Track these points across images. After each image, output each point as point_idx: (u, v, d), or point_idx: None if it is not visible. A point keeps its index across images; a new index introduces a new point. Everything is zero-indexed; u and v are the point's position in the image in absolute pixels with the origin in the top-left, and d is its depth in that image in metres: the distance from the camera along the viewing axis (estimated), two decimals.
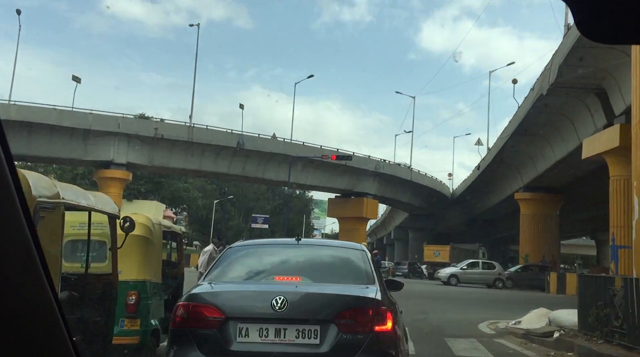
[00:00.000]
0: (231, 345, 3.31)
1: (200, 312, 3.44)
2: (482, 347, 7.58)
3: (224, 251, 4.50)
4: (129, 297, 5.11)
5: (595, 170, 24.92)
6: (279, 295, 3.41)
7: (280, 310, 3.36)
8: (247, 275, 4.08)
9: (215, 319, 3.39)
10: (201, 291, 3.67)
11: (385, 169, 41.79)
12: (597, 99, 20.85)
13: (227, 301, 3.54)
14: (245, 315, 3.45)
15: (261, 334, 3.37)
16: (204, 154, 36.04)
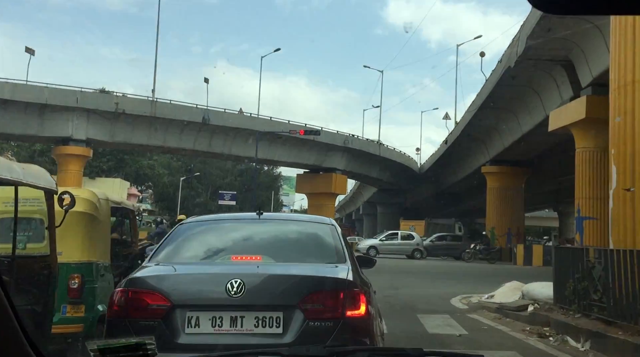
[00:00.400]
0: (178, 337, 2.83)
1: (142, 299, 2.94)
2: (456, 323, 7.36)
3: (175, 227, 4.00)
4: (72, 280, 4.59)
5: (560, 143, 25.11)
6: (234, 277, 2.94)
7: (237, 295, 2.89)
8: (199, 255, 3.58)
9: (159, 308, 2.90)
10: (143, 275, 3.16)
11: (353, 144, 41.49)
12: (563, 71, 20.83)
13: (174, 285, 3.05)
14: (195, 302, 2.98)
15: (214, 323, 2.90)
16: (168, 130, 35.04)
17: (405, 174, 48.39)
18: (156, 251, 3.55)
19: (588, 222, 19.43)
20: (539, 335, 6.50)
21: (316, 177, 42.17)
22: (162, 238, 4.05)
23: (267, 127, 36.49)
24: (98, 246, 4.83)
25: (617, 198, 6.73)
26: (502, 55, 24.25)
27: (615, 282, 5.69)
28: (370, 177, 47.38)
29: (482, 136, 32.35)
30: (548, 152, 29.12)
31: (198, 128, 35.45)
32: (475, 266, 24.47)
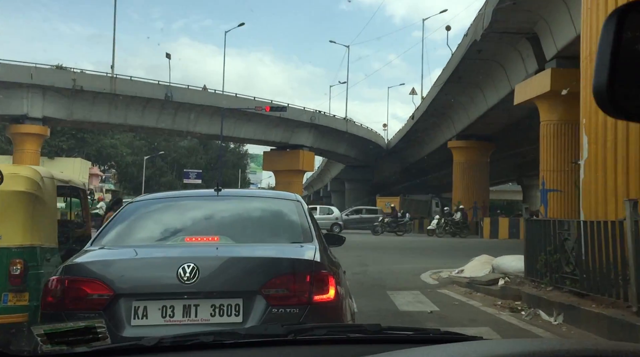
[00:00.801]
0: (122, 330, 2.49)
1: (80, 288, 2.59)
2: (427, 300, 7.22)
3: (123, 206, 3.62)
4: (13, 266, 4.18)
5: (524, 116, 25.34)
6: (187, 261, 2.60)
7: (190, 281, 2.57)
8: (148, 237, 3.20)
9: (100, 297, 2.56)
10: (82, 261, 2.79)
11: (320, 120, 41.13)
12: (529, 44, 20.85)
13: (118, 272, 2.68)
14: (142, 290, 2.62)
15: (164, 313, 2.56)
16: (129, 107, 34.01)
17: (372, 150, 48.40)
18: (100, 233, 3.18)
19: (552, 194, 19.71)
20: (510, 309, 6.41)
21: (283, 154, 41.75)
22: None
23: (232, 103, 35.78)
24: (42, 228, 4.42)
25: (588, 168, 6.63)
26: (467, 29, 24.14)
27: (589, 254, 5.60)
28: (338, 153, 47.22)
29: (448, 111, 32.44)
30: (513, 126, 29.40)
31: (161, 105, 34.53)
32: (444, 240, 24.67)
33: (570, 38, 17.02)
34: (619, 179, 6.21)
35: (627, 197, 5.87)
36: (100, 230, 3.23)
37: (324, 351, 1.32)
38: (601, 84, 0.70)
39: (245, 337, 1.38)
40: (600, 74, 0.70)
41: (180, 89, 35.75)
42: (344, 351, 1.25)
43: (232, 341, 1.36)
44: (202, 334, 1.41)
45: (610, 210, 6.21)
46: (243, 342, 1.36)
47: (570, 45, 17.25)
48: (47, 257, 4.45)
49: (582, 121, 6.69)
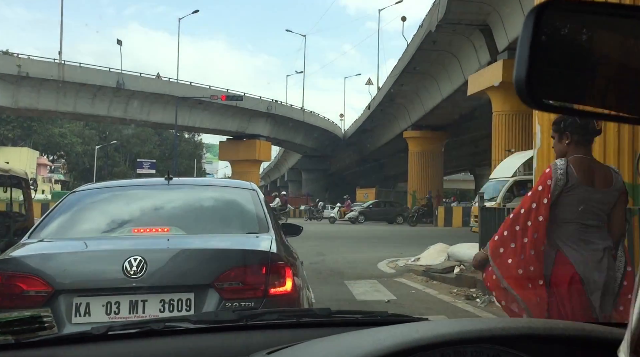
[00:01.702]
0: (62, 328, 2.31)
1: (15, 285, 2.40)
2: (384, 288, 7.23)
3: (64, 196, 3.41)
4: None
5: (477, 107, 25.85)
6: (134, 254, 2.45)
7: (137, 275, 2.41)
8: (92, 228, 3.01)
9: (37, 294, 2.38)
10: (17, 255, 2.60)
11: (277, 110, 40.85)
12: (481, 36, 21.22)
13: (57, 266, 2.50)
14: (84, 285, 2.46)
15: (109, 310, 2.41)
16: (79, 95, 32.82)
17: (329, 140, 48.47)
18: (39, 224, 2.97)
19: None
20: (466, 297, 6.49)
21: (240, 144, 41.30)
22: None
23: (187, 92, 35.03)
24: None
25: (540, 158, 6.74)
26: (423, 20, 24.36)
27: None
28: (295, 143, 47.08)
29: (404, 101, 32.76)
30: (467, 117, 29.97)
31: (112, 93, 33.48)
32: (399, 229, 24.96)
33: None
34: None
35: None
36: (40, 221, 3.02)
37: (275, 335, 1.33)
38: (521, 78, 0.74)
39: (196, 323, 1.36)
40: (520, 68, 0.74)
41: (132, 77, 34.75)
42: (294, 335, 1.26)
43: (183, 328, 1.34)
44: (153, 322, 1.40)
45: None
46: (194, 328, 1.35)
47: None
48: None
49: (535, 111, 6.79)
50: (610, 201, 2.69)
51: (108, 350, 1.28)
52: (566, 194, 2.65)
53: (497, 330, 0.99)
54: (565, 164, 2.68)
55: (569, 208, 2.66)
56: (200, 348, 1.29)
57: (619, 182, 2.73)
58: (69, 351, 1.27)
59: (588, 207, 2.65)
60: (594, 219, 2.67)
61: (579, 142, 2.71)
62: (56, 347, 1.27)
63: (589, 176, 2.68)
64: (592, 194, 2.66)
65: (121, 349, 1.30)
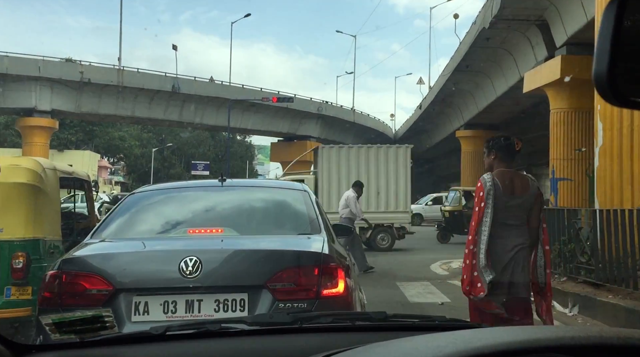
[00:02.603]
0: (122, 326, 2.38)
1: (78, 283, 2.48)
2: (437, 291, 7.11)
3: (124, 198, 3.52)
4: (15, 260, 4.10)
5: (533, 105, 25.04)
6: (189, 255, 2.49)
7: (192, 275, 2.45)
8: (150, 229, 3.10)
9: (99, 293, 2.45)
10: (80, 254, 2.69)
11: (327, 111, 40.97)
12: (538, 31, 20.53)
13: (118, 266, 2.58)
14: (143, 284, 2.52)
15: (166, 309, 2.46)
16: (136, 99, 34.01)
17: (379, 140, 47.98)
18: (101, 225, 3.08)
19: (562, 183, 19.50)
20: None
21: (290, 145, 41.62)
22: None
23: (239, 95, 35.66)
24: (45, 220, 4.34)
25: (603, 156, 6.46)
26: (476, 17, 23.83)
27: (604, 244, 5.45)
28: (345, 144, 47.01)
29: (456, 100, 32.17)
30: (522, 115, 29.11)
31: (168, 97, 34.50)
32: None
33: (581, 24, 16.73)
34: (635, 166, 6.05)
35: None
36: (101, 222, 3.13)
37: (330, 338, 1.32)
38: (601, 72, 0.70)
39: (251, 325, 1.38)
40: (600, 61, 0.70)
41: (187, 81, 35.69)
42: (350, 339, 1.24)
43: (239, 329, 1.36)
44: (209, 323, 1.42)
45: (626, 197, 6.07)
46: (249, 330, 1.36)
47: (580, 32, 16.96)
48: (50, 250, 4.38)
49: (597, 108, 6.52)
50: (527, 205, 3.41)
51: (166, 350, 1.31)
52: (495, 201, 3.32)
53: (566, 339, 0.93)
54: (491, 177, 3.37)
55: (496, 211, 3.33)
56: (255, 350, 1.30)
57: (534, 188, 3.41)
58: (129, 350, 1.30)
59: (510, 210, 3.36)
60: (514, 219, 3.40)
61: (502, 158, 3.44)
62: (117, 347, 1.31)
63: (510, 185, 3.37)
64: (512, 200, 3.37)
65: (178, 349, 1.32)
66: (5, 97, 30.34)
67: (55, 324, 1.31)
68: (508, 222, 3.38)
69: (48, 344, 1.31)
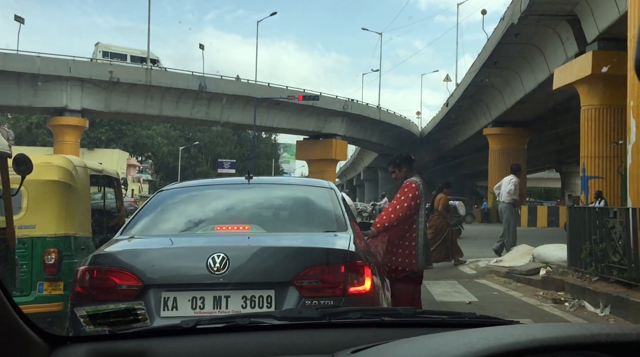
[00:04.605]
0: (152, 321, 2.40)
1: (109, 279, 2.52)
2: (464, 290, 7.03)
3: (153, 195, 3.57)
4: (48, 256, 4.20)
5: (563, 102, 24.55)
6: (217, 251, 2.50)
7: (220, 271, 2.47)
8: (178, 226, 3.12)
9: (129, 288, 2.49)
10: (111, 250, 2.72)
11: (353, 109, 40.85)
12: (568, 26, 20.11)
13: (147, 262, 2.60)
14: (171, 280, 2.54)
15: (194, 304, 2.48)
16: (164, 98, 34.45)
17: (406, 138, 47.85)
18: (130, 222, 3.12)
19: (593, 181, 19.09)
20: (553, 300, 6.16)
21: (316, 143, 41.66)
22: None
23: (264, 93, 35.80)
24: (76, 217, 4.42)
25: (636, 153, 6.30)
26: (504, 13, 23.47)
27: (638, 243, 5.31)
28: (371, 142, 46.87)
29: (483, 97, 31.73)
30: (551, 112, 28.57)
31: (195, 96, 34.86)
32: (479, 228, 24.19)
33: (613, 19, 16.33)
34: None
35: None
36: (131, 219, 3.18)
37: (358, 334, 1.32)
38: None
39: (281, 319, 1.39)
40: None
41: (213, 80, 35.99)
42: (378, 335, 1.24)
43: (268, 324, 1.38)
44: (239, 317, 1.44)
45: None
46: (278, 324, 1.38)
47: (613, 27, 16.57)
48: (81, 247, 4.47)
49: (630, 103, 6.35)
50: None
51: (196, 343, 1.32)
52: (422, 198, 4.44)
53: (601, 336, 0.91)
54: (420, 180, 4.40)
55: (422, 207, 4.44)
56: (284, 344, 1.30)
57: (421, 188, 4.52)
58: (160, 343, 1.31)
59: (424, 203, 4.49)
60: (424, 209, 4.49)
61: (409, 169, 4.51)
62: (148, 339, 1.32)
63: (424, 186, 4.44)
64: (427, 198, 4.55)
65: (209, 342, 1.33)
66: (38, 97, 31.05)
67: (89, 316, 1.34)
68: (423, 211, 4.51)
69: (82, 336, 1.33)
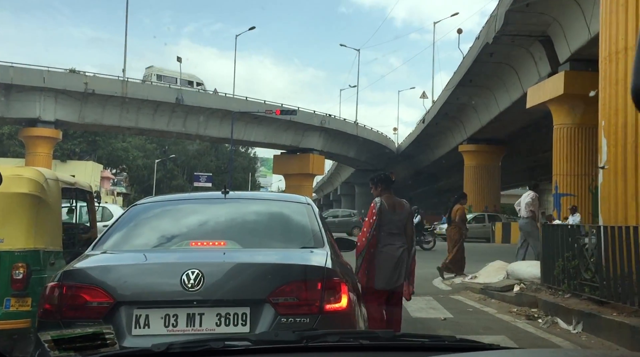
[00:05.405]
0: (123, 340, 2.33)
1: (79, 295, 2.44)
2: (440, 306, 7.04)
3: (127, 209, 3.50)
4: (15, 270, 4.06)
5: (536, 120, 25.04)
6: (191, 267, 2.45)
7: (194, 288, 2.42)
8: (152, 241, 3.05)
9: (100, 305, 2.41)
10: (81, 266, 2.64)
11: (330, 124, 41.03)
12: (541, 47, 20.60)
13: (119, 278, 2.53)
14: (144, 297, 2.47)
15: (167, 322, 2.42)
16: (140, 111, 34.12)
17: (382, 154, 48.20)
18: (102, 236, 3.05)
19: (565, 198, 19.45)
20: (527, 317, 6.21)
21: (293, 158, 41.68)
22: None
23: (242, 107, 35.75)
24: (46, 231, 4.31)
25: (607, 172, 6.42)
26: (479, 32, 23.94)
27: (609, 261, 5.39)
28: (348, 157, 47.08)
29: (459, 114, 32.21)
30: (525, 130, 29.11)
31: (171, 108, 34.61)
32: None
33: (585, 40, 16.77)
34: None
35: None
36: (103, 233, 3.10)
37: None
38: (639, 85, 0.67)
39: (256, 343, 1.35)
40: (639, 74, 0.68)
41: (191, 93, 35.86)
42: None
43: (243, 347, 1.33)
44: (212, 340, 1.38)
45: (630, 214, 6.02)
46: (254, 348, 1.33)
47: (584, 48, 17.01)
48: (51, 262, 4.34)
49: (601, 123, 6.49)
50: (403, 219, 4.76)
51: None
52: (382, 216, 4.62)
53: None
54: (380, 200, 4.71)
55: (384, 224, 4.63)
56: None
57: (408, 207, 4.80)
58: None
59: (392, 222, 4.68)
60: (396, 229, 4.70)
61: (385, 188, 4.81)
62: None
63: (392, 205, 4.71)
64: (394, 215, 4.69)
65: None
66: (10, 108, 30.47)
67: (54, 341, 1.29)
68: (392, 231, 4.67)
69: None
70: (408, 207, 4.83)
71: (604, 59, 6.47)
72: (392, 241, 4.63)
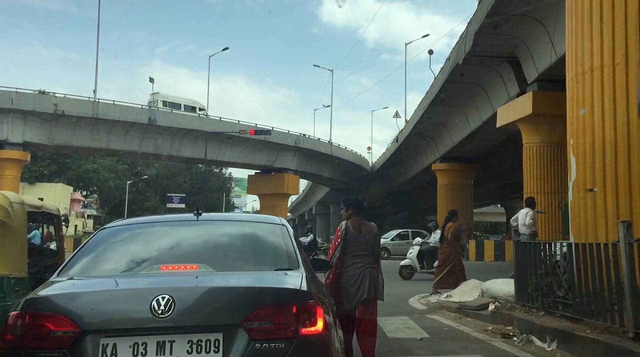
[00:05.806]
0: None
1: (42, 325, 2.34)
2: (415, 325, 7.01)
3: (94, 233, 3.40)
4: None
5: (506, 139, 25.52)
6: (161, 293, 2.38)
7: (165, 315, 2.34)
8: (121, 266, 2.95)
9: (64, 335, 2.31)
10: (45, 294, 2.54)
11: (305, 143, 41.12)
12: (510, 68, 21.09)
13: (85, 306, 2.42)
14: (111, 325, 2.38)
15: (136, 351, 2.33)
16: (112, 131, 33.68)
17: (357, 173, 48.42)
18: (69, 262, 2.95)
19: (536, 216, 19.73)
20: (502, 335, 6.21)
21: (268, 177, 41.58)
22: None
23: (216, 127, 35.63)
24: (10, 256, 4.15)
25: (577, 190, 6.53)
26: (450, 53, 24.40)
27: (581, 278, 5.45)
28: (323, 176, 47.15)
29: (432, 134, 32.62)
30: (496, 149, 29.61)
31: (144, 129, 34.25)
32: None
33: (552, 61, 17.22)
34: (609, 200, 6.13)
35: (617, 218, 5.79)
36: (69, 259, 3.00)
37: None
38: None
39: None
40: None
41: (163, 113, 35.59)
42: None
43: None
44: None
45: (600, 231, 6.11)
46: None
47: (551, 68, 17.46)
48: (15, 288, 4.18)
49: (570, 142, 6.62)
50: (370, 241, 4.99)
51: None
52: (347, 238, 4.87)
53: None
54: (346, 223, 4.96)
55: (349, 245, 4.87)
56: None
57: (375, 230, 5.02)
58: None
59: (358, 244, 4.90)
60: (362, 250, 4.91)
61: (354, 212, 5.05)
62: None
63: (358, 228, 4.95)
64: (360, 237, 4.92)
65: None
66: None
67: None
68: (357, 252, 4.88)
69: None
70: (375, 230, 5.06)
71: (570, 79, 6.63)
72: (356, 261, 4.83)
